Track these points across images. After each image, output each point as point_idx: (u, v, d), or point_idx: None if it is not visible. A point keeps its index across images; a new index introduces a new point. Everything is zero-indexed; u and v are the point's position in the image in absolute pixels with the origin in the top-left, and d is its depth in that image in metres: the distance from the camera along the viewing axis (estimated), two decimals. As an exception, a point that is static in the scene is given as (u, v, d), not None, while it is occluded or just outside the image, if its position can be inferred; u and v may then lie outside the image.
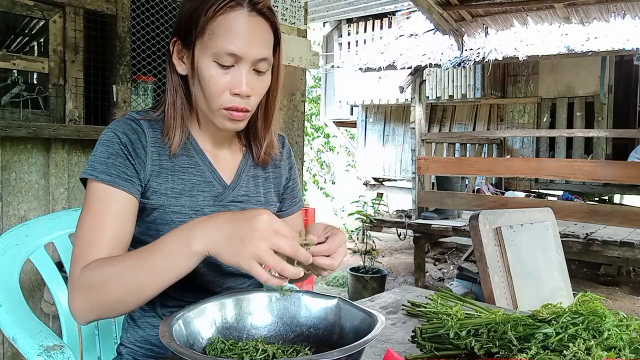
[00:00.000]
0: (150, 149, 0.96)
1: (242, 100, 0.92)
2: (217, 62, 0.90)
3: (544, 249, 2.09)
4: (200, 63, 0.91)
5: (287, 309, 0.86)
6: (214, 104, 0.93)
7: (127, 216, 0.92)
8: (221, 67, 0.90)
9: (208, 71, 0.91)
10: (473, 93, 6.61)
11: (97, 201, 0.90)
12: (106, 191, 0.90)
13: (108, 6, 2.24)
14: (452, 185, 5.59)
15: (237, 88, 0.91)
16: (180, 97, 0.98)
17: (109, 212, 0.90)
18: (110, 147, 0.93)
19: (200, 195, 1.00)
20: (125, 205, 0.91)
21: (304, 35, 3.24)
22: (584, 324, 0.75)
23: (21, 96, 2.09)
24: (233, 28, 0.89)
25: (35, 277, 2.12)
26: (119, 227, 0.90)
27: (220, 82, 0.91)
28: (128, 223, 0.92)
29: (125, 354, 1.03)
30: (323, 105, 9.20)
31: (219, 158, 1.05)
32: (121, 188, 0.91)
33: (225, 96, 0.92)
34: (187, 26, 0.92)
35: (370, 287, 4.60)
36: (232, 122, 0.95)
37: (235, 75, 0.91)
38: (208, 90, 0.92)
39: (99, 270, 0.82)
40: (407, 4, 6.66)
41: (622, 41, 4.31)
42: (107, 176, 0.90)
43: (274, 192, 1.13)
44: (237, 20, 0.89)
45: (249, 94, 0.92)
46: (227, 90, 0.91)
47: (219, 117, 0.95)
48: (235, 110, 0.93)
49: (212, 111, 0.94)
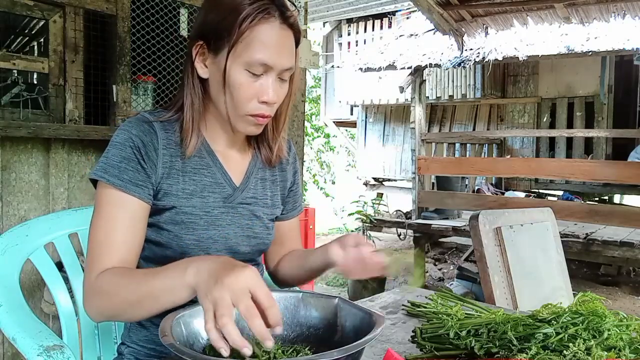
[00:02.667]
0: (162, 151, 0.97)
1: (268, 107, 0.96)
2: (248, 70, 0.92)
3: (544, 249, 2.09)
4: (231, 70, 0.92)
5: (287, 309, 0.86)
6: (241, 110, 0.95)
7: (138, 221, 0.94)
8: (251, 75, 0.92)
9: (239, 79, 0.92)
10: (473, 93, 6.60)
11: (109, 205, 0.92)
12: (117, 196, 0.92)
13: (108, 6, 2.24)
14: (452, 185, 5.59)
15: (265, 96, 0.93)
16: (198, 99, 0.99)
17: (120, 217, 0.92)
18: (123, 151, 0.94)
19: (210, 197, 1.01)
20: (136, 211, 0.93)
21: (304, 35, 3.24)
22: (584, 324, 0.75)
23: (21, 96, 2.09)
24: (266, 39, 0.91)
25: (35, 277, 2.12)
26: (130, 232, 0.93)
27: (249, 89, 0.93)
28: (139, 228, 0.95)
29: (127, 354, 1.03)
30: (323, 105, 9.20)
31: (229, 159, 1.06)
32: (132, 194, 0.93)
33: (252, 103, 0.94)
34: (217, 33, 0.93)
35: (370, 287, 4.60)
36: (255, 127, 0.98)
37: (264, 84, 0.93)
38: (237, 96, 0.94)
39: (110, 281, 0.87)
40: (407, 4, 6.66)
41: (622, 41, 4.31)
42: (119, 180, 0.92)
43: (280, 195, 1.15)
44: (271, 32, 0.92)
45: (275, 101, 0.96)
46: (255, 97, 0.94)
47: (242, 122, 0.97)
48: (261, 117, 0.96)
49: (238, 116, 0.96)
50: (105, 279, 0.87)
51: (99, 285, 0.87)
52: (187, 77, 0.99)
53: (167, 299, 0.80)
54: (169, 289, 0.79)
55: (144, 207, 0.95)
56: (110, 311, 0.87)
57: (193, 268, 0.76)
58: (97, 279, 0.88)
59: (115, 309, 0.87)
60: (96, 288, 0.88)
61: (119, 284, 0.85)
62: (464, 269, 4.75)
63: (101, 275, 0.88)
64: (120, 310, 0.86)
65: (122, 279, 0.86)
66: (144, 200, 0.94)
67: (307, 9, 3.24)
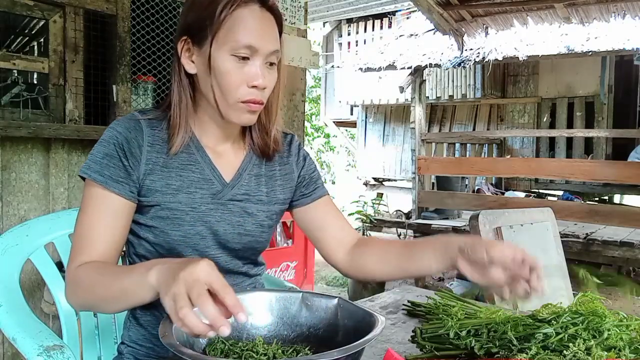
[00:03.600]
0: (146, 148, 0.97)
1: (259, 92, 0.95)
2: (234, 54, 0.92)
3: (544, 249, 2.09)
4: (216, 58, 0.93)
5: (287, 309, 0.86)
6: (232, 98, 0.94)
7: (119, 217, 0.95)
8: (238, 60, 0.93)
9: (225, 65, 0.93)
10: (473, 93, 6.60)
11: (92, 200, 0.95)
12: (99, 192, 0.94)
13: (108, 6, 2.24)
14: (452, 185, 5.59)
15: (254, 80, 0.93)
16: (186, 95, 1.00)
17: (101, 212, 0.94)
18: (106, 147, 0.95)
19: (198, 193, 1.00)
20: (118, 207, 0.95)
21: (304, 35, 3.24)
22: (584, 324, 0.75)
23: (21, 96, 2.09)
24: (248, 22, 0.92)
25: (35, 277, 2.12)
26: (111, 227, 0.94)
27: (237, 75, 0.93)
28: (120, 223, 0.96)
29: (127, 353, 1.03)
30: (323, 105, 9.20)
31: (221, 156, 1.05)
32: (112, 190, 0.94)
33: (242, 89, 0.94)
34: (199, 24, 0.94)
35: (370, 287, 4.60)
36: (249, 115, 0.97)
37: (252, 69, 0.94)
38: (226, 83, 0.94)
39: (87, 275, 0.89)
40: (407, 4, 6.66)
41: (622, 41, 4.31)
42: (100, 177, 0.93)
43: (281, 190, 1.11)
44: (252, 15, 0.93)
45: (265, 85, 0.95)
46: (244, 83, 0.94)
47: (235, 111, 0.96)
48: (253, 103, 0.95)
49: (229, 105, 0.96)
50: (83, 272, 0.90)
51: (78, 278, 0.90)
52: (175, 75, 1.00)
53: (133, 299, 0.83)
54: (133, 289, 0.81)
55: (125, 203, 0.95)
56: (87, 303, 0.92)
57: (155, 270, 0.78)
58: (76, 271, 0.90)
59: (91, 302, 0.91)
60: (75, 280, 0.90)
61: (93, 279, 0.88)
62: (464, 269, 4.74)
63: (80, 269, 0.90)
64: (95, 303, 0.91)
65: (96, 275, 0.88)
66: (124, 197, 0.95)
67: (307, 9, 3.24)
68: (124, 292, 0.83)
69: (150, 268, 0.79)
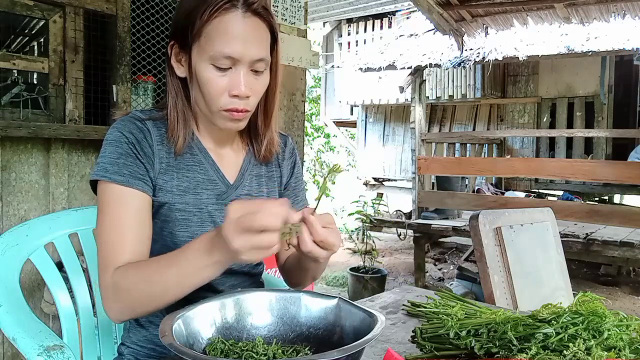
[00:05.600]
0: (157, 147, 0.97)
1: (241, 101, 0.93)
2: (214, 64, 0.90)
3: (544, 249, 2.08)
4: (197, 66, 0.92)
5: (287, 309, 0.86)
6: (214, 106, 0.93)
7: (145, 214, 0.94)
8: (218, 69, 0.91)
9: (206, 74, 0.91)
10: (473, 93, 6.60)
11: (113, 203, 0.92)
12: (121, 192, 0.92)
13: (108, 6, 2.23)
14: (452, 185, 5.59)
15: (235, 90, 0.91)
16: (181, 99, 0.99)
17: (127, 212, 0.91)
18: (119, 147, 0.94)
19: (204, 193, 1.00)
20: (142, 204, 0.93)
21: (304, 35, 3.24)
22: (584, 324, 0.75)
23: (21, 96, 2.09)
24: (229, 30, 0.89)
25: (35, 277, 2.11)
26: (138, 226, 0.92)
27: (218, 84, 0.91)
28: (147, 221, 0.94)
29: (127, 354, 1.03)
30: (323, 105, 9.19)
31: (223, 157, 1.05)
32: (135, 187, 0.92)
33: (224, 98, 0.92)
34: (184, 29, 0.93)
35: (370, 287, 4.60)
36: (232, 122, 0.96)
37: (233, 77, 0.91)
38: (207, 92, 0.92)
39: (127, 276, 0.86)
40: (407, 4, 6.65)
41: (622, 41, 4.31)
42: (120, 176, 0.91)
43: (277, 191, 1.13)
44: (233, 23, 0.89)
45: (248, 94, 0.93)
46: (226, 92, 0.92)
47: (219, 119, 0.95)
48: (235, 112, 0.93)
49: (212, 113, 0.95)
50: (121, 276, 0.87)
51: (117, 283, 0.87)
52: (168, 77, 1.00)
53: (191, 282, 0.82)
54: (191, 272, 0.80)
55: (147, 200, 0.94)
56: (132, 306, 0.87)
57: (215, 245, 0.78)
58: (112, 277, 0.87)
59: (137, 303, 0.86)
60: (115, 286, 0.87)
61: (136, 278, 0.85)
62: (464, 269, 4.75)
63: (117, 274, 0.87)
64: (141, 303, 0.86)
65: (138, 273, 0.86)
66: (146, 192, 0.94)
67: (307, 9, 3.24)
68: (179, 279, 0.82)
69: (211, 247, 0.79)
